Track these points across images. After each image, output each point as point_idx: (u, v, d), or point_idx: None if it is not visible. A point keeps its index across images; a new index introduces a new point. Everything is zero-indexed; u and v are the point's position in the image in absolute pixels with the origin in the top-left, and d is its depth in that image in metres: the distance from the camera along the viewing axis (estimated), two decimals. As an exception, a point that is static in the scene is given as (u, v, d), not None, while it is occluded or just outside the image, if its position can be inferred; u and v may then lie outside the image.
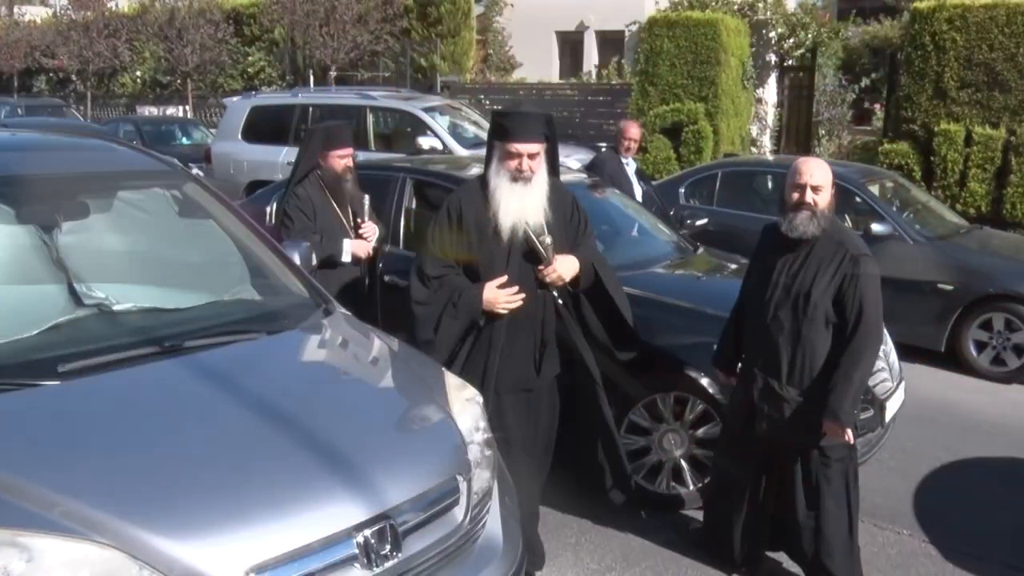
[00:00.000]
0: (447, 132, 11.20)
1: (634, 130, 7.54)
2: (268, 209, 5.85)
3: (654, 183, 8.95)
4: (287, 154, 11.45)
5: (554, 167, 3.81)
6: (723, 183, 8.81)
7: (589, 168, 7.61)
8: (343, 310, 3.59)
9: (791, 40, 12.53)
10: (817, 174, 3.54)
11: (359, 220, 5.01)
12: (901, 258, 7.19)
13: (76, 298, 3.17)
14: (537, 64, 24.78)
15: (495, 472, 3.00)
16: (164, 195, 3.82)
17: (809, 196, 3.49)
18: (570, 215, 3.82)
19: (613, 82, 19.42)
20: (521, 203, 3.60)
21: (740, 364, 3.89)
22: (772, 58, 12.74)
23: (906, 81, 9.69)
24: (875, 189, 8.02)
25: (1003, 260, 7.22)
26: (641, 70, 12.28)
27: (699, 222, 7.20)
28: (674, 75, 11.84)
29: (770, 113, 12.77)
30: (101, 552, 2.05)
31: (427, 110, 11.43)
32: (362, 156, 11.14)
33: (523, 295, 3.61)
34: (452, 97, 15.56)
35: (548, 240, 3.58)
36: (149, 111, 22.72)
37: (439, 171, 6.07)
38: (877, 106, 16.62)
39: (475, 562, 2.70)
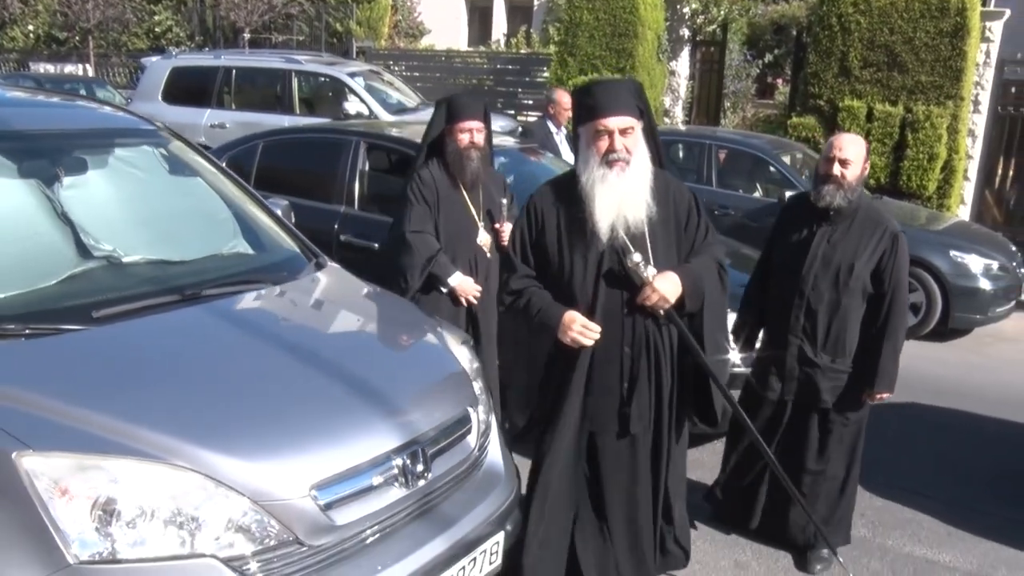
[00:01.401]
0: (371, 97, 11.32)
1: (565, 98, 7.84)
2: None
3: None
4: (210, 116, 11.38)
5: (658, 155, 3.13)
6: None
7: (524, 135, 7.91)
8: (333, 263, 3.82)
9: (704, 16, 13.05)
10: (849, 149, 3.72)
11: (496, 224, 4.41)
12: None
13: (84, 250, 3.31)
14: (446, 31, 24.81)
15: (489, 408, 3.30)
16: (153, 153, 3.96)
17: (837, 169, 3.69)
18: (685, 217, 3.13)
19: (524, 51, 19.69)
20: (618, 195, 2.93)
21: (765, 332, 4.03)
22: (685, 32, 13.22)
23: (813, 59, 10.28)
24: (787, 159, 8.57)
25: (900, 226, 7.85)
26: (560, 40, 12.58)
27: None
28: (593, 46, 12.19)
29: (682, 85, 13.28)
30: (180, 473, 2.28)
31: (352, 75, 11.51)
32: (287, 121, 11.29)
33: (598, 332, 3.02)
34: (368, 62, 15.58)
35: (638, 258, 2.93)
36: (44, 68, 21.84)
37: (391, 135, 6.29)
38: (779, 81, 17.40)
39: (482, 486, 3.01)
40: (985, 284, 7.62)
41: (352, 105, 10.89)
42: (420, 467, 2.67)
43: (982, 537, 4.37)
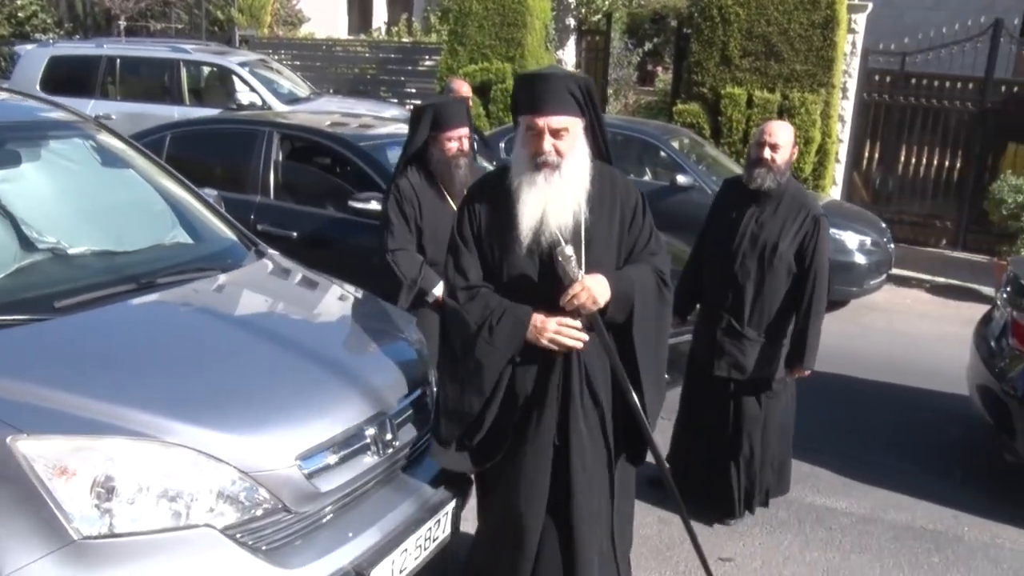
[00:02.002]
0: (263, 87, 11.23)
1: (465, 88, 8.02)
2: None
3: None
4: (94, 107, 11.04)
5: (602, 152, 2.91)
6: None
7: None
8: (273, 251, 3.93)
9: (589, 6, 13.42)
10: (779, 135, 3.99)
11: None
12: (702, 205, 8.17)
13: (28, 243, 3.34)
14: (325, 19, 24.54)
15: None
16: (84, 145, 3.97)
17: (768, 153, 3.96)
18: (629, 218, 2.89)
19: (407, 40, 19.69)
20: (543, 200, 2.72)
21: (701, 307, 4.26)
22: (571, 22, 13.57)
23: (696, 49, 10.77)
24: (676, 144, 8.99)
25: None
26: (451, 30, 12.73)
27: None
28: (482, 36, 12.39)
29: (569, 74, 13.64)
30: (172, 450, 2.39)
31: (242, 64, 11.37)
32: (176, 112, 11.08)
33: (585, 334, 2.77)
34: (251, 51, 15.34)
35: (570, 251, 2.68)
36: None
37: (303, 125, 6.36)
38: (659, 69, 18.03)
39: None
40: (860, 259, 8.23)
41: (244, 95, 10.78)
42: (388, 436, 2.85)
43: (873, 485, 4.84)
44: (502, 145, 9.40)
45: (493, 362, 2.77)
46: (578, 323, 2.75)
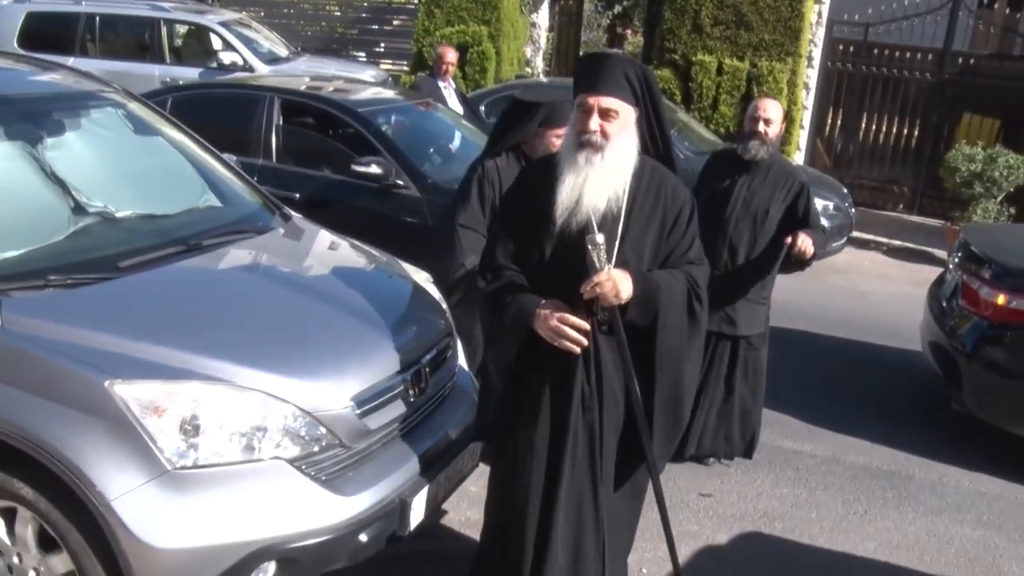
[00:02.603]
0: (244, 47, 11.36)
1: (451, 54, 8.31)
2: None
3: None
4: (74, 64, 11.07)
5: (659, 150, 2.86)
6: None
7: (412, 90, 8.35)
8: (297, 214, 4.25)
9: (563, -30, 13.68)
10: (771, 111, 4.36)
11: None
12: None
13: (79, 207, 3.62)
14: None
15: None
16: (116, 114, 4.23)
17: (762, 127, 4.33)
18: (671, 222, 2.81)
19: (386, 1, 19.73)
20: (580, 180, 2.69)
21: None
22: (546, -15, 13.81)
23: (669, 16, 11.12)
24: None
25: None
26: (428, -9, 12.91)
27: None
28: (459, -1, 12.62)
29: (542, 36, 13.90)
30: (246, 393, 2.75)
31: (222, 24, 11.48)
32: (157, 70, 11.19)
33: (584, 328, 2.69)
34: (224, 8, 15.34)
35: (601, 239, 2.60)
36: None
37: (305, 91, 6.63)
38: (628, 32, 18.32)
39: (458, 399, 3.59)
40: (823, 222, 8.68)
41: (228, 55, 10.91)
42: (423, 382, 3.23)
43: (834, 431, 5.33)
44: (482, 108, 9.71)
45: (506, 344, 2.82)
46: (583, 323, 2.68)
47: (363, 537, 2.88)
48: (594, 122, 2.69)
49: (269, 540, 2.70)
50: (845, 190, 9.59)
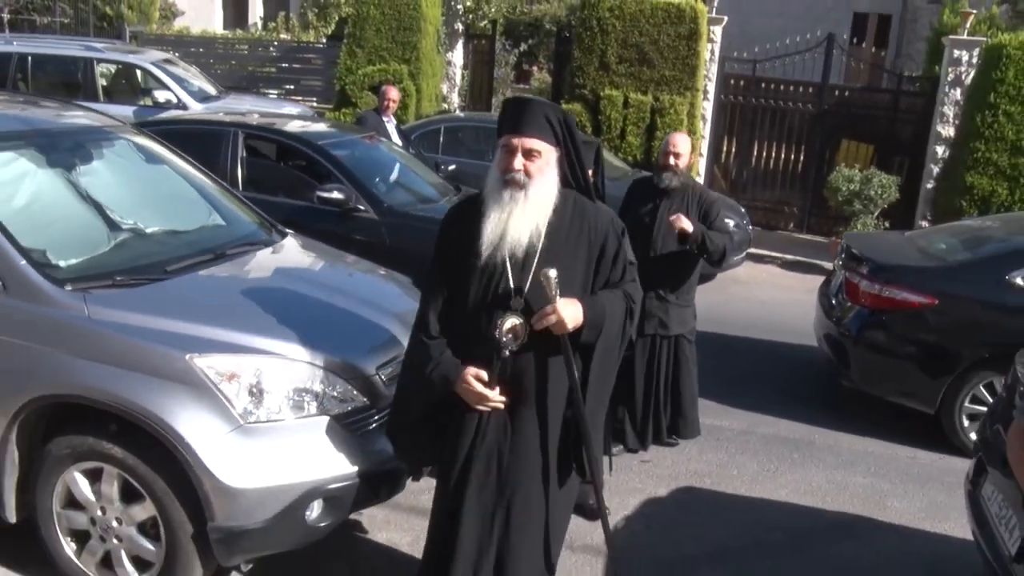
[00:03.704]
0: (176, 85, 11.83)
1: (394, 92, 9.07)
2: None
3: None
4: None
5: (579, 183, 3.05)
6: (446, 135, 10.66)
7: (358, 123, 9.04)
8: (290, 231, 4.91)
9: (476, 13, 14.59)
10: (681, 145, 5.05)
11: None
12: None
13: (114, 224, 4.22)
14: (199, 14, 24.71)
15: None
16: (129, 145, 4.83)
17: (672, 160, 5.03)
18: (598, 251, 3.02)
19: (284, 37, 20.32)
20: (504, 216, 2.87)
21: None
22: (459, 26, 14.68)
23: (578, 55, 12.10)
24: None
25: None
26: (349, 33, 13.61)
27: (451, 167, 8.96)
28: (380, 39, 13.34)
29: (457, 74, 14.75)
30: (295, 364, 3.42)
31: (154, 64, 11.94)
32: (94, 107, 11.52)
33: (503, 399, 2.95)
34: (141, 47, 15.70)
35: (552, 274, 2.80)
36: None
37: (265, 126, 7.26)
38: (535, 68, 19.36)
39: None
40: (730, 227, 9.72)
41: (162, 93, 11.37)
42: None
43: (745, 410, 6.23)
44: (412, 138, 10.46)
45: (425, 394, 3.06)
46: (492, 394, 2.93)
47: (388, 481, 3.57)
48: (518, 161, 2.86)
49: (318, 482, 3.36)
50: (743, 210, 10.67)
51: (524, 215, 2.87)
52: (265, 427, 3.31)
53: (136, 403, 3.23)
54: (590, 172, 3.81)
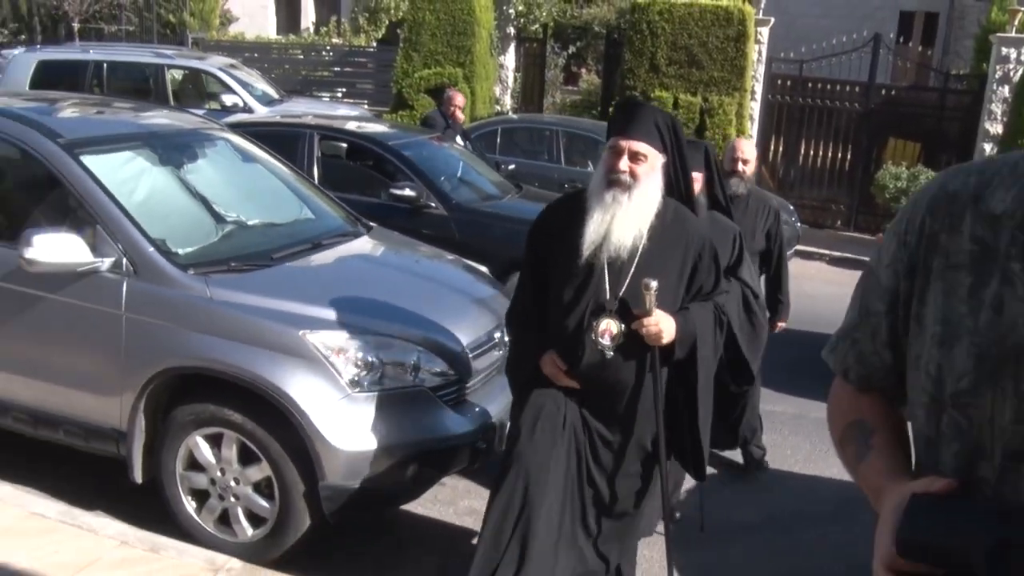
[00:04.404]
0: (242, 89, 12.35)
1: (460, 98, 9.48)
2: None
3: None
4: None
5: (681, 194, 3.11)
6: (502, 136, 11.05)
7: (423, 125, 9.46)
8: (373, 224, 5.30)
9: (527, 17, 14.98)
10: (748, 152, 5.00)
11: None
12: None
13: (219, 218, 4.65)
14: (253, 19, 25.38)
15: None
16: (227, 146, 5.26)
17: (740, 166, 4.94)
18: (694, 258, 3.04)
19: (336, 41, 20.87)
20: (607, 217, 2.89)
21: None
22: (511, 30, 15.07)
23: (629, 58, 12.42)
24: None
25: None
26: (405, 38, 14.05)
27: (511, 167, 9.34)
28: (435, 43, 13.76)
29: (509, 76, 15.14)
30: (400, 342, 3.80)
31: (222, 68, 12.47)
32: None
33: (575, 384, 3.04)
34: (203, 52, 16.29)
35: (653, 284, 2.81)
36: None
37: (339, 128, 7.70)
38: (583, 70, 19.69)
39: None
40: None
41: (230, 97, 11.88)
42: (503, 340, 4.31)
43: (797, 396, 6.53)
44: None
45: (519, 371, 3.28)
46: (564, 377, 3.03)
47: (477, 447, 3.93)
48: (624, 163, 2.89)
49: (416, 446, 3.74)
50: (791, 207, 10.91)
51: (627, 218, 2.89)
52: (369, 396, 3.69)
53: (257, 374, 3.62)
54: (701, 176, 3.92)
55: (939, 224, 1.33)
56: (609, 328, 2.95)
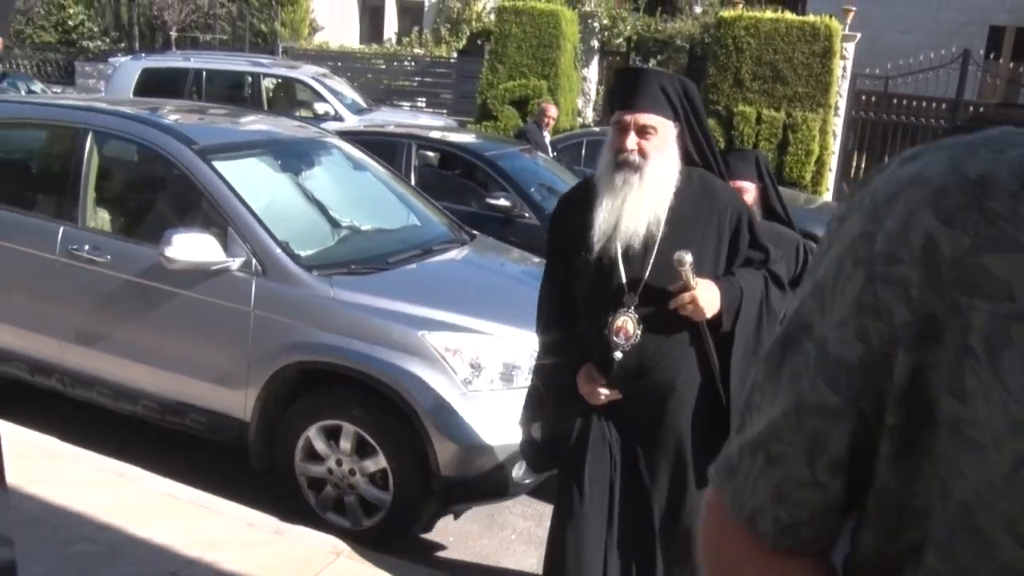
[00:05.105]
0: (333, 97, 12.75)
1: (552, 110, 9.74)
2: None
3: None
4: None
5: (706, 160, 2.74)
6: (587, 148, 11.22)
7: (518, 136, 9.72)
8: (476, 232, 5.52)
9: (612, 31, 15.16)
10: None
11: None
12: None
13: (335, 223, 4.91)
14: (337, 29, 26.06)
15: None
16: (339, 154, 5.53)
17: None
18: (731, 225, 2.71)
19: (418, 51, 21.33)
20: (617, 201, 2.59)
21: None
22: (595, 43, 15.26)
23: (713, 72, 12.50)
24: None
25: (791, 207, 10.14)
26: (491, 50, 14.34)
27: (596, 179, 9.52)
28: (520, 55, 14.02)
29: (592, 89, 15.32)
30: (505, 342, 4.00)
31: (314, 77, 12.89)
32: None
33: (615, 394, 2.69)
34: (294, 62, 16.81)
35: (687, 259, 2.48)
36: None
37: (436, 138, 7.98)
38: (663, 84, 19.75)
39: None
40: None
41: (322, 105, 12.29)
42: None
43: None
44: (553, 155, 11.06)
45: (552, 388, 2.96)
46: (601, 389, 2.70)
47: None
48: (631, 140, 2.57)
49: (523, 444, 3.92)
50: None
51: (640, 201, 2.59)
52: (482, 394, 3.89)
53: (378, 370, 3.85)
54: (755, 186, 3.75)
55: (970, 237, 0.74)
56: (624, 326, 2.65)
